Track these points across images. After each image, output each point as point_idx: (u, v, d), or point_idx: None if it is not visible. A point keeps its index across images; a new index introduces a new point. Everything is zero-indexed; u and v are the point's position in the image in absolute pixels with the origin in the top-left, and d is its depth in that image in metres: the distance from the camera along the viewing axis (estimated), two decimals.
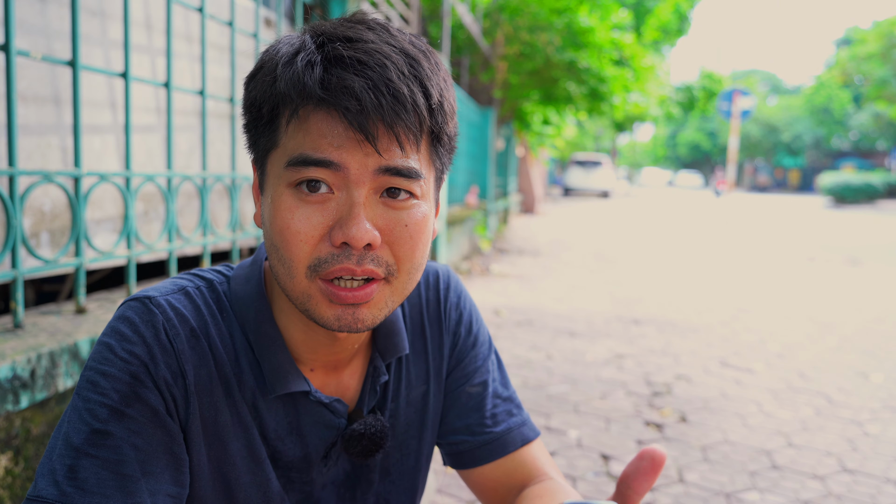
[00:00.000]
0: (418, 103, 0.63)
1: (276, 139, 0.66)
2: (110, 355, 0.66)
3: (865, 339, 4.60)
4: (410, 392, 0.86)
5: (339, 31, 0.65)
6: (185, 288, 0.73)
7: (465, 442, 0.88)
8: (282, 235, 0.65)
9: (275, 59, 0.66)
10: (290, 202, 0.64)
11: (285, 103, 0.64)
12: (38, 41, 1.57)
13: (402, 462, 0.87)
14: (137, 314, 0.68)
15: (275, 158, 0.67)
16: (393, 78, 0.62)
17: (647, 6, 16.18)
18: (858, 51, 28.43)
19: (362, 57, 0.62)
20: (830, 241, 11.53)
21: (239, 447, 0.73)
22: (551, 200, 23.98)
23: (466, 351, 0.91)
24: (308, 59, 0.63)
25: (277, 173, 0.66)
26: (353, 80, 0.61)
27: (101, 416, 0.64)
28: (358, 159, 0.63)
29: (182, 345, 0.69)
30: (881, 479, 2.43)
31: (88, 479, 0.62)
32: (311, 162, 0.63)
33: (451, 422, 0.89)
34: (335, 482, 0.82)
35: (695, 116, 30.57)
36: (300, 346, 0.76)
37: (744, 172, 53.42)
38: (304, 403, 0.77)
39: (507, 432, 0.88)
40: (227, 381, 0.72)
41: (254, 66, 0.69)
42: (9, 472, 1.25)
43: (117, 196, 1.84)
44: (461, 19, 7.54)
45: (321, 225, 0.64)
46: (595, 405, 3.13)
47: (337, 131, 0.62)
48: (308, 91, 0.62)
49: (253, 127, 0.69)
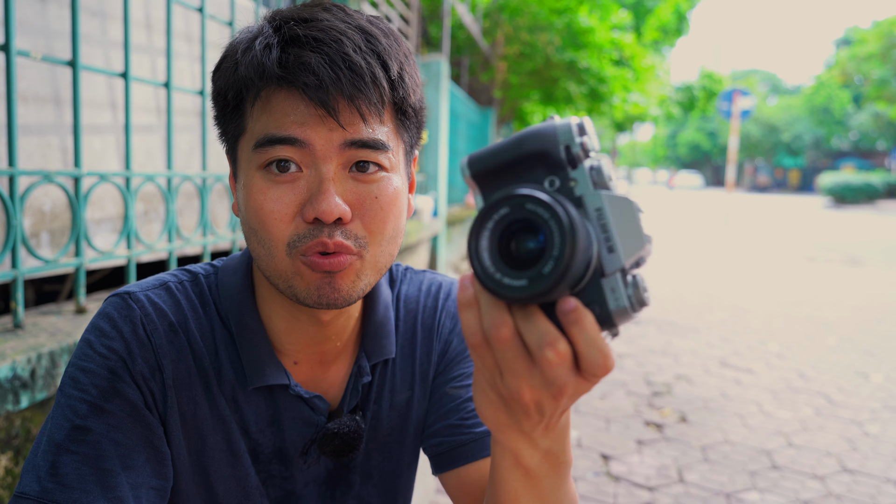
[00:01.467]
0: (377, 76, 0.64)
1: (243, 124, 0.67)
2: (90, 351, 0.67)
3: (865, 339, 4.60)
4: (395, 396, 0.85)
5: (295, 13, 0.67)
6: (166, 283, 0.74)
7: (444, 443, 0.84)
8: (257, 217, 0.65)
9: (235, 48, 0.67)
10: (262, 184, 0.65)
11: (247, 87, 0.65)
12: (38, 41, 1.57)
13: (383, 465, 0.86)
14: (116, 309, 0.69)
15: (243, 144, 0.68)
16: (349, 52, 0.63)
17: (647, 6, 16.18)
18: (858, 51, 28.43)
19: (318, 35, 0.63)
20: (830, 241, 11.52)
21: (218, 440, 0.73)
22: None
23: (455, 358, 0.88)
24: (266, 42, 0.64)
25: (247, 157, 0.67)
26: (310, 57, 0.62)
27: (80, 412, 0.64)
28: (322, 135, 0.64)
29: (160, 339, 0.69)
30: (881, 479, 2.43)
31: (69, 475, 0.62)
32: (277, 140, 0.64)
33: (433, 423, 0.87)
34: (317, 480, 0.81)
35: (695, 116, 30.57)
36: (283, 336, 0.75)
37: (744, 172, 53.42)
38: (283, 397, 0.76)
39: (486, 433, 0.83)
40: (206, 375, 0.72)
41: (220, 58, 0.71)
42: (9, 472, 1.25)
43: (117, 196, 1.84)
44: (461, 19, 7.54)
45: (293, 203, 0.65)
46: (595, 405, 3.12)
47: (299, 109, 0.63)
48: (267, 72, 0.63)
49: (221, 116, 0.70)
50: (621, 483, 2.36)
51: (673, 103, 17.32)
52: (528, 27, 9.26)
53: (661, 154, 61.82)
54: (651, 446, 2.68)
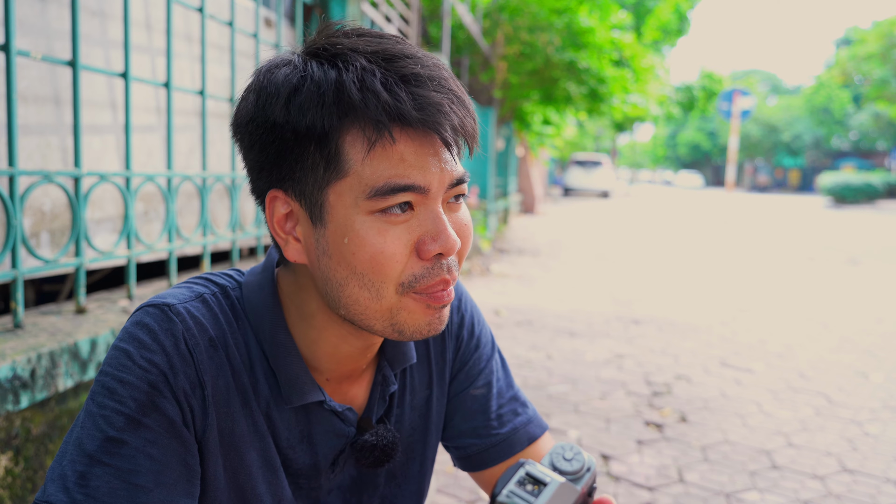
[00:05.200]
0: (474, 112, 0.66)
1: (344, 168, 0.62)
2: (128, 362, 0.65)
3: (865, 339, 4.60)
4: (414, 398, 0.87)
5: (387, 47, 0.64)
6: (202, 295, 0.72)
7: (473, 445, 0.88)
8: (374, 260, 0.63)
9: (326, 81, 0.61)
10: (378, 228, 0.63)
11: (363, 127, 0.61)
12: (38, 41, 1.57)
13: (407, 466, 0.87)
14: (157, 322, 0.67)
15: (343, 189, 0.63)
16: (456, 90, 0.64)
17: (647, 6, 16.19)
18: (858, 51, 28.41)
19: (430, 73, 0.63)
20: (830, 240, 11.53)
21: (255, 457, 0.73)
22: (551, 200, 23.97)
23: (470, 354, 0.91)
24: (381, 79, 0.61)
25: (351, 203, 0.63)
26: (439, 97, 0.61)
27: (116, 424, 0.62)
28: (437, 177, 0.64)
29: (201, 355, 0.68)
30: (881, 479, 2.43)
31: (100, 488, 0.61)
32: (400, 189, 0.62)
33: (458, 425, 0.90)
34: (341, 487, 0.82)
35: (695, 116, 30.58)
36: (322, 357, 0.75)
37: (744, 172, 53.42)
38: (316, 412, 0.76)
39: (513, 432, 0.88)
40: (244, 390, 0.72)
41: (275, 90, 0.63)
42: (9, 472, 1.25)
43: (117, 196, 1.84)
44: (461, 19, 7.53)
45: (409, 243, 0.64)
46: (595, 405, 3.13)
47: (420, 153, 0.62)
48: (401, 112, 0.60)
49: (296, 159, 0.64)
50: (621, 483, 2.36)
51: (673, 103, 17.32)
52: (528, 27, 9.26)
53: (661, 154, 61.82)
54: (651, 446, 2.68)
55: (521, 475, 0.61)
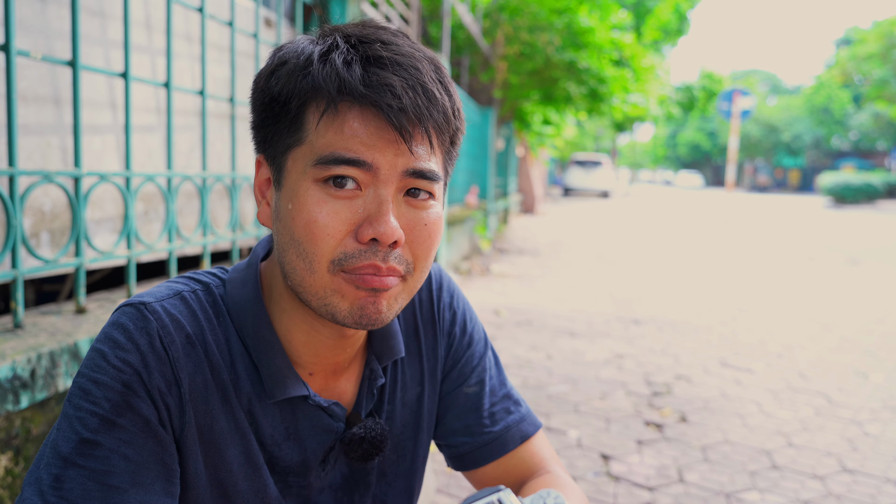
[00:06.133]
0: (446, 107, 0.66)
1: (302, 135, 0.65)
2: (103, 363, 0.65)
3: (865, 339, 4.60)
4: (405, 394, 0.86)
5: (371, 34, 0.66)
6: (180, 292, 0.72)
7: (466, 443, 0.88)
8: (308, 229, 0.64)
9: (304, 55, 0.65)
10: (318, 196, 0.64)
11: (319, 98, 0.64)
12: (38, 41, 1.57)
13: (398, 464, 0.87)
14: (132, 320, 0.67)
15: (298, 155, 0.66)
16: (426, 80, 0.64)
17: (647, 6, 16.19)
18: (858, 51, 28.41)
19: (399, 59, 0.64)
20: (830, 241, 11.53)
21: (236, 454, 0.72)
22: (551, 200, 23.97)
23: (462, 351, 0.90)
24: (347, 57, 0.63)
25: (301, 169, 0.65)
26: (394, 80, 0.62)
27: (90, 426, 0.63)
28: (389, 159, 0.64)
29: (177, 352, 0.67)
30: (881, 479, 2.43)
31: (73, 490, 0.61)
32: (344, 161, 0.63)
33: (450, 423, 0.89)
34: (332, 486, 0.82)
35: (695, 116, 30.60)
36: (301, 349, 0.75)
37: (744, 172, 53.41)
38: (302, 408, 0.76)
39: (505, 431, 0.88)
40: (224, 387, 0.71)
41: (271, 63, 0.68)
42: (9, 472, 1.25)
43: (117, 196, 1.84)
44: (461, 19, 7.54)
45: (348, 221, 0.64)
46: (595, 405, 3.13)
47: (370, 130, 0.63)
48: (348, 87, 0.62)
49: (272, 122, 0.68)
50: (621, 483, 2.36)
51: (673, 103, 17.32)
52: (528, 27, 9.26)
53: (661, 154, 61.81)
54: (651, 446, 2.68)
55: (492, 500, 0.62)
